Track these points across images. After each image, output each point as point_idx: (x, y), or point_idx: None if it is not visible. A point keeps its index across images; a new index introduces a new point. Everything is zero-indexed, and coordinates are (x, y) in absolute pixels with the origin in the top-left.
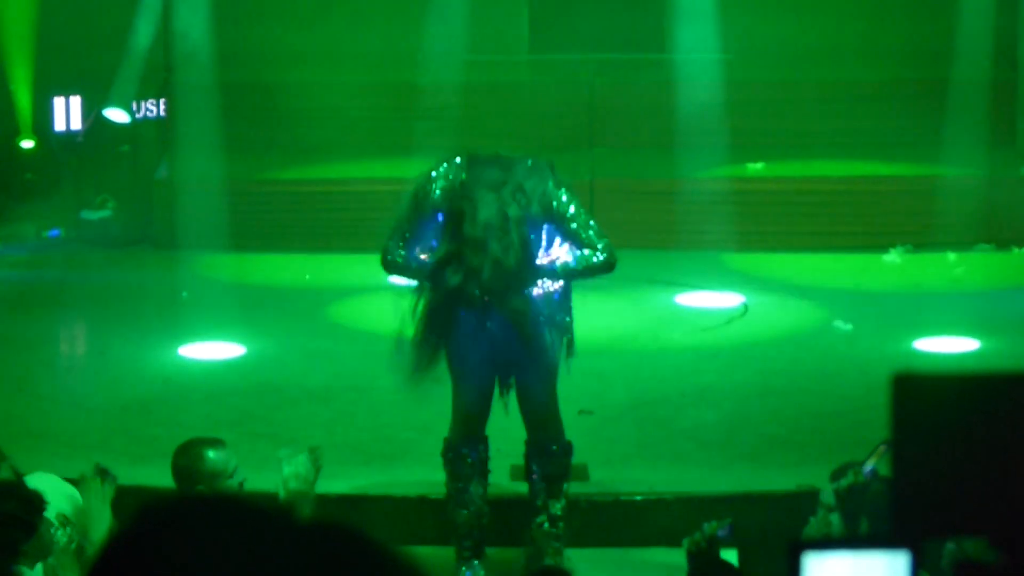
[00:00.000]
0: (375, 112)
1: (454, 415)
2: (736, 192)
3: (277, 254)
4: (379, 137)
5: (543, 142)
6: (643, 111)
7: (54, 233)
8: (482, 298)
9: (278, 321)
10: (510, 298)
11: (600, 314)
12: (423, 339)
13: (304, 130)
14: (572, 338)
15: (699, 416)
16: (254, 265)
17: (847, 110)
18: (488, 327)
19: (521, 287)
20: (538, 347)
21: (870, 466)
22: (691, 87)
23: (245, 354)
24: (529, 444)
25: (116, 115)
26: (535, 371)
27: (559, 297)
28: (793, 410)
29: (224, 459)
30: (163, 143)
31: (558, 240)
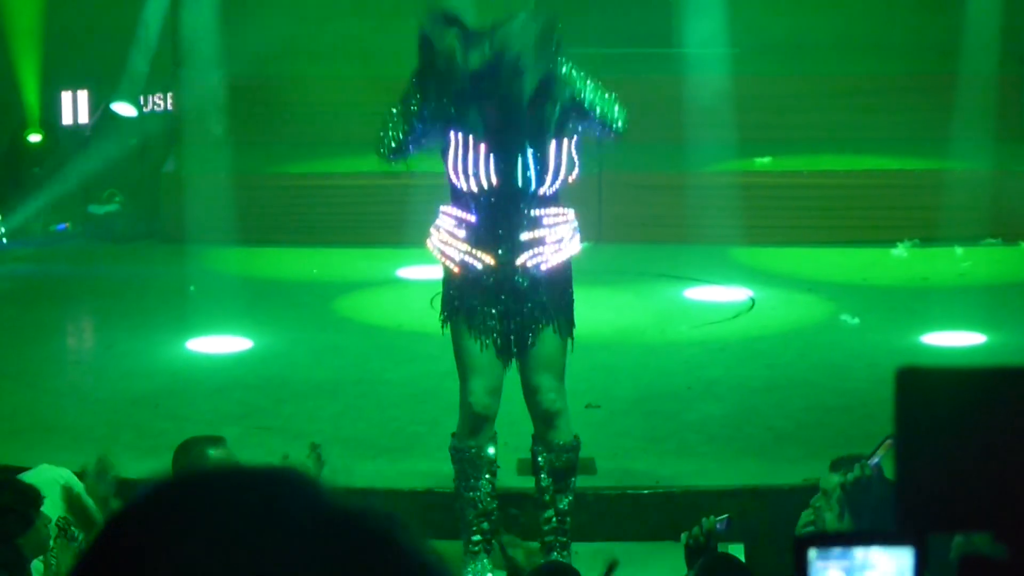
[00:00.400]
0: (383, 107)
1: (462, 412)
2: (743, 186)
3: (284, 248)
4: None
5: None
6: (651, 105)
7: (61, 227)
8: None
9: (285, 315)
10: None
11: (607, 308)
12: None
13: (311, 124)
14: (572, 319)
15: (706, 410)
16: (261, 259)
17: (855, 104)
18: (502, 300)
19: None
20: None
21: (876, 460)
22: (699, 81)
23: (252, 348)
24: (536, 439)
25: (123, 109)
26: (546, 343)
27: (564, 278)
28: (800, 404)
29: (225, 457)
30: (170, 137)
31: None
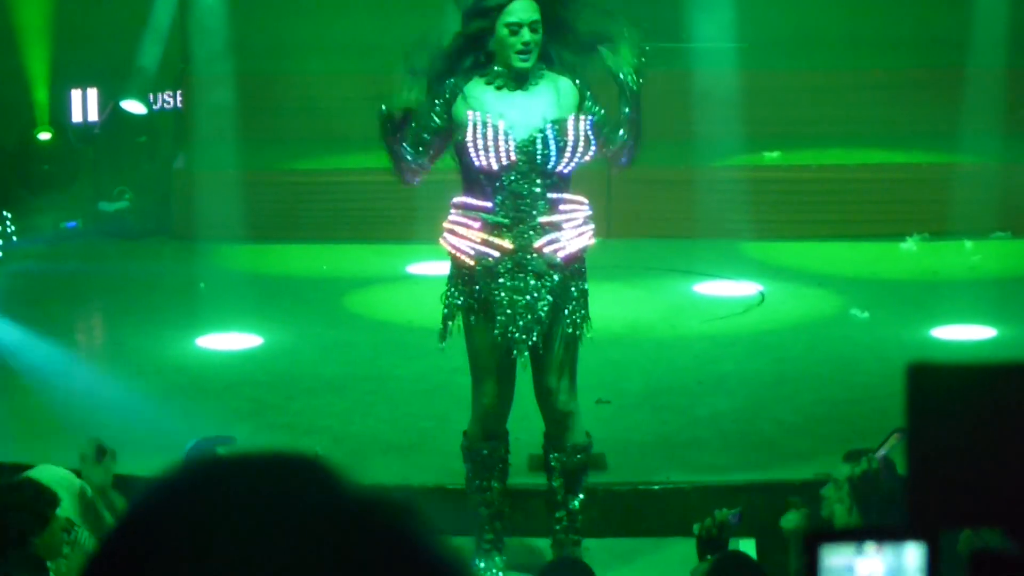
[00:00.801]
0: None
1: (475, 412)
2: (752, 181)
3: (294, 244)
4: None
5: None
6: (659, 100)
7: (71, 225)
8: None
9: (295, 311)
10: None
11: (617, 303)
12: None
13: (321, 120)
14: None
15: (716, 404)
16: (271, 255)
17: (864, 99)
18: (519, 288)
19: None
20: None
21: (883, 453)
22: (707, 76)
23: (262, 345)
24: (548, 440)
25: (133, 106)
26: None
27: (580, 270)
28: (810, 398)
29: None
30: (180, 134)
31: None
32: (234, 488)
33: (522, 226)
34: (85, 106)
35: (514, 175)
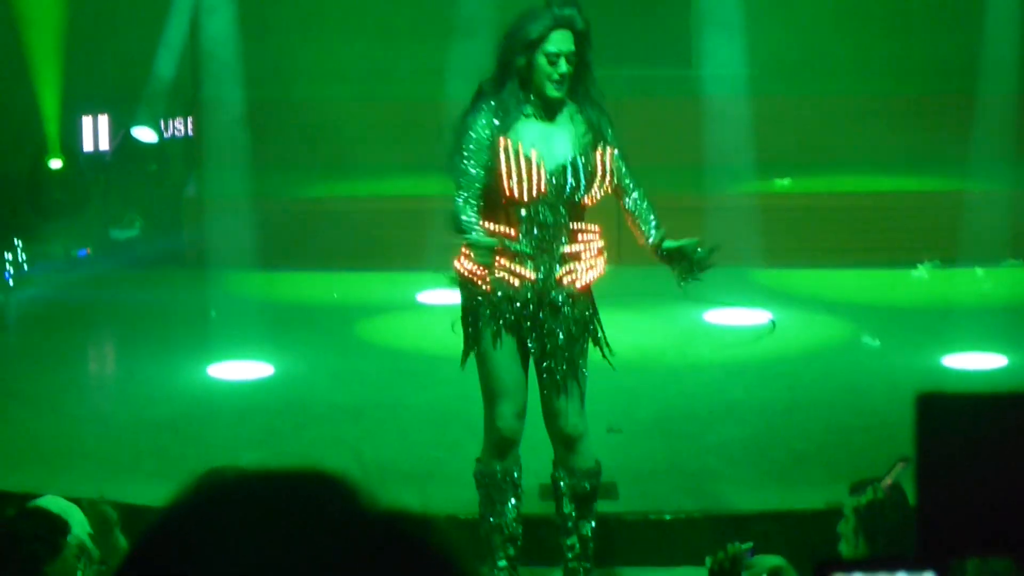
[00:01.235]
0: (403, 129)
1: (489, 436)
2: (763, 208)
3: (305, 272)
4: (407, 154)
5: None
6: (669, 127)
7: (82, 252)
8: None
9: (306, 339)
10: None
11: (628, 331)
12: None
13: (331, 147)
14: (602, 335)
15: (727, 433)
16: (282, 283)
17: (874, 125)
18: (540, 317)
19: None
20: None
21: (889, 482)
22: (718, 102)
23: (273, 373)
24: (557, 464)
25: (144, 134)
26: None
27: (590, 297)
28: (821, 426)
29: None
30: (191, 162)
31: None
32: (258, 500)
33: (545, 256)
34: (96, 134)
35: (541, 205)
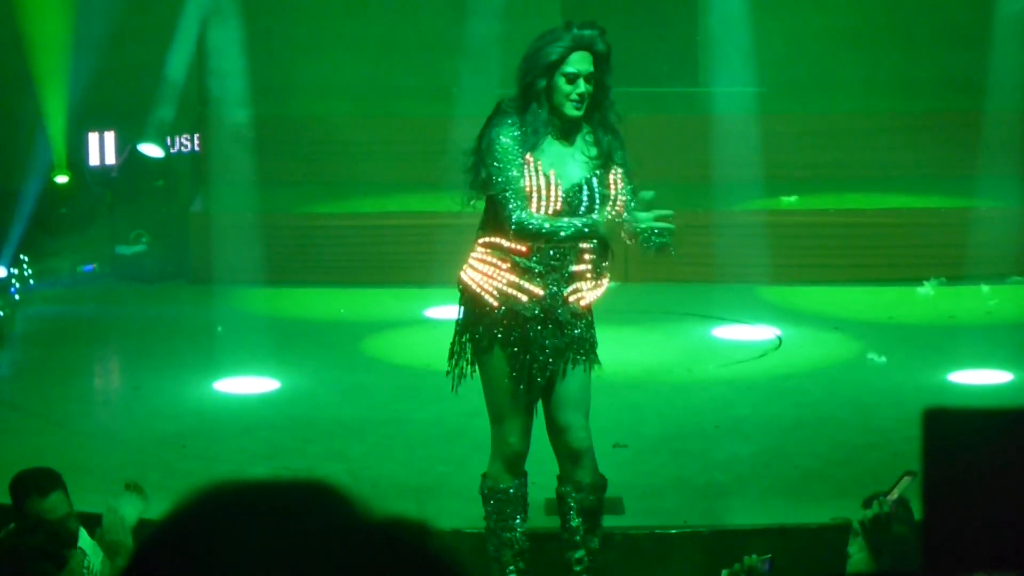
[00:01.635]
0: (409, 146)
1: (498, 453)
2: (770, 225)
3: (311, 288)
4: (413, 171)
5: None
6: (677, 145)
7: (89, 268)
8: None
9: (312, 355)
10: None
11: (635, 347)
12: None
13: (338, 164)
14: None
15: (733, 449)
16: (288, 299)
17: (880, 142)
18: (547, 331)
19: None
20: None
21: (894, 496)
22: (725, 120)
23: (279, 388)
24: (564, 479)
25: (150, 150)
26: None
27: (591, 315)
28: (827, 442)
29: None
30: (197, 177)
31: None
32: (255, 510)
33: (554, 273)
34: (102, 149)
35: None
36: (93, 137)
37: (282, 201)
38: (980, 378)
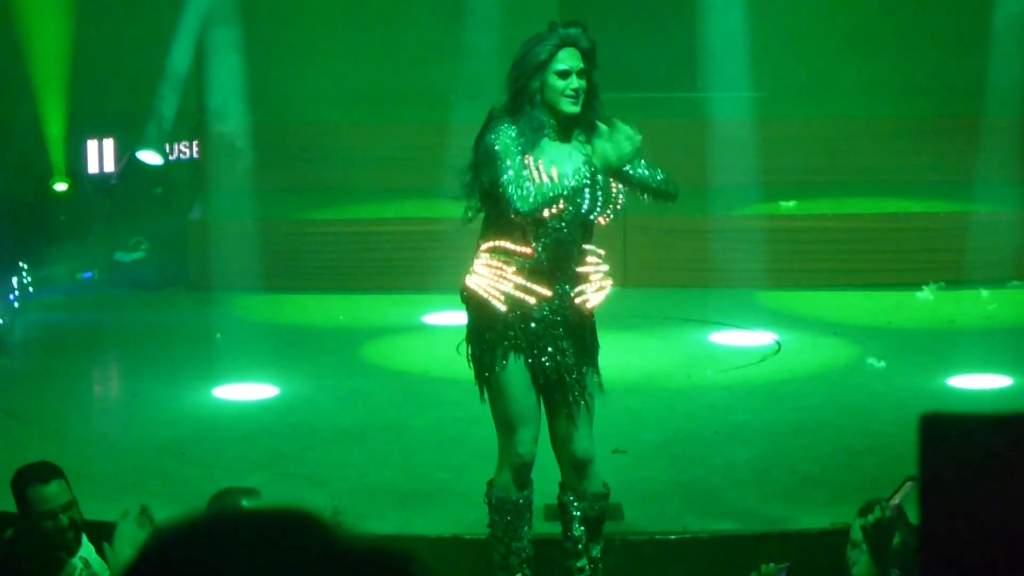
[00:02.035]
0: (408, 152)
1: (507, 463)
2: (769, 230)
3: (311, 294)
4: (411, 177)
5: None
6: (676, 149)
7: (88, 275)
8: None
9: (312, 361)
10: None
11: (633, 352)
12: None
13: (336, 171)
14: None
15: (732, 454)
16: (288, 306)
17: (879, 147)
18: (557, 334)
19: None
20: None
21: (897, 502)
22: (723, 125)
23: (279, 395)
24: (566, 488)
25: (149, 157)
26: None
27: (594, 321)
28: (827, 447)
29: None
30: (196, 185)
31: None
32: (238, 539)
33: (559, 274)
34: (101, 157)
35: (558, 223)
36: (92, 144)
37: (281, 208)
38: (979, 383)
